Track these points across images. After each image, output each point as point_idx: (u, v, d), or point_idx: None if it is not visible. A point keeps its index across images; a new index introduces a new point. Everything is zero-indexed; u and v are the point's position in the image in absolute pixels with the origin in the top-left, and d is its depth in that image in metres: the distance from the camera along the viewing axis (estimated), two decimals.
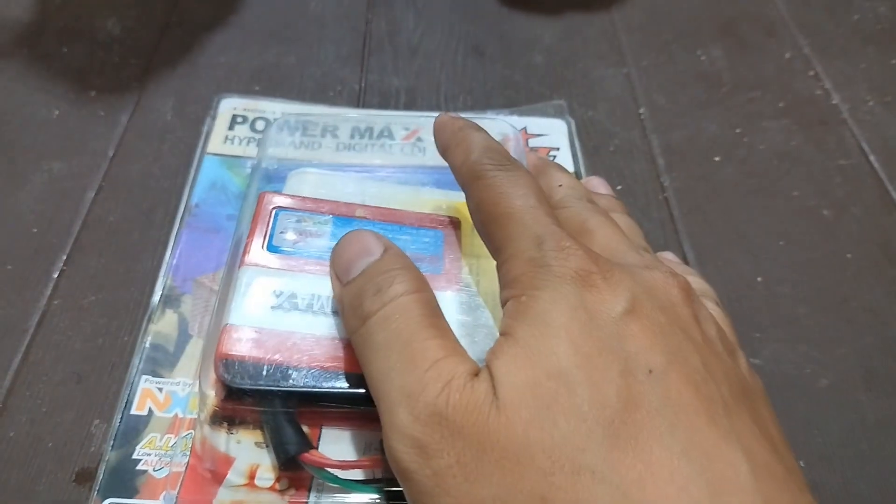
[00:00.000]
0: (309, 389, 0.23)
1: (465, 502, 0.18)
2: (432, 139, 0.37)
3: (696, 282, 0.26)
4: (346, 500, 0.24)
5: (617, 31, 0.48)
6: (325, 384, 0.23)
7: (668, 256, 0.29)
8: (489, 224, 0.23)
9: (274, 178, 0.33)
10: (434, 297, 0.22)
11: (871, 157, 0.41)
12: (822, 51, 0.47)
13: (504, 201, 0.23)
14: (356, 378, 0.23)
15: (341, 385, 0.23)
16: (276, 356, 0.24)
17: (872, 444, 0.29)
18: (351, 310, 0.22)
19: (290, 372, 0.23)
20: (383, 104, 0.41)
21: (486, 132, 0.26)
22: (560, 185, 0.27)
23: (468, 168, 0.25)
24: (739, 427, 0.19)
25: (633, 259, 0.23)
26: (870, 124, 0.42)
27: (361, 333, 0.21)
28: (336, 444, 0.25)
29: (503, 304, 0.22)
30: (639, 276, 0.21)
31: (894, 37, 0.48)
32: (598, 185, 0.31)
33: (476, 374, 0.19)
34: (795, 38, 0.48)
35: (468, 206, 0.25)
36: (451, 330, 0.21)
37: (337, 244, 0.24)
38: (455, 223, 0.30)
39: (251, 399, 0.23)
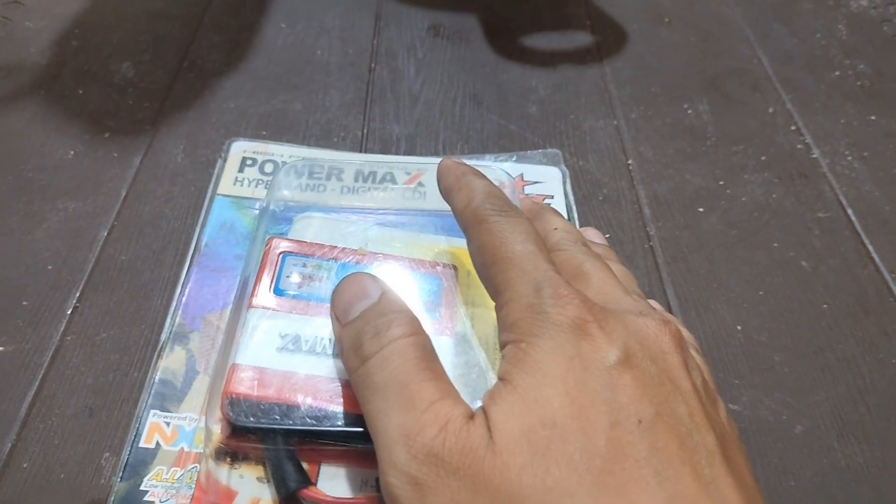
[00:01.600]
0: (309, 428, 0.25)
1: None
2: (433, 184, 0.39)
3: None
4: None
5: (607, 84, 0.50)
6: (325, 423, 0.25)
7: (653, 305, 0.31)
8: (489, 267, 0.24)
9: (281, 220, 0.34)
10: (429, 341, 0.23)
11: (849, 211, 0.43)
12: (803, 106, 0.49)
13: (504, 246, 0.24)
14: (355, 417, 0.25)
15: (340, 424, 0.25)
16: (280, 396, 0.25)
17: (845, 489, 0.31)
18: (350, 350, 0.23)
19: (292, 411, 0.25)
20: (384, 150, 0.43)
21: (487, 178, 0.28)
22: (555, 229, 0.29)
23: (470, 212, 0.26)
24: (720, 478, 0.20)
25: (627, 305, 0.24)
26: (848, 178, 0.45)
27: (360, 374, 0.23)
28: (334, 481, 0.27)
29: (502, 346, 0.23)
30: (632, 325, 0.22)
31: (873, 93, 0.51)
32: (592, 235, 0.32)
33: (471, 416, 0.21)
34: (778, 94, 0.50)
35: (469, 248, 0.26)
36: (444, 372, 0.23)
37: (336, 287, 0.25)
38: (452, 272, 0.32)
39: (254, 436, 0.25)
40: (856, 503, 0.30)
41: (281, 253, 0.30)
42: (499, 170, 0.38)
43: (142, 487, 0.27)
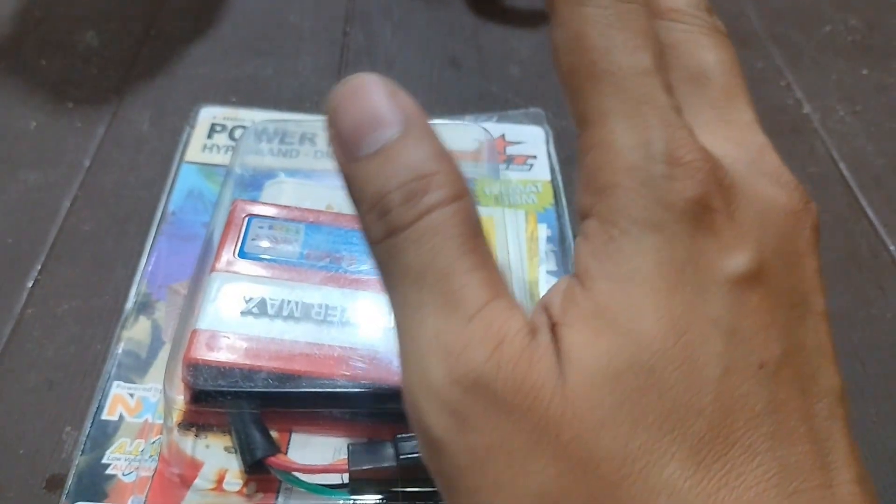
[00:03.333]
0: (273, 390, 0.23)
1: (506, 489, 0.15)
2: None
3: None
4: (313, 503, 0.24)
5: None
6: (289, 386, 0.23)
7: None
8: (581, 78, 0.17)
9: (250, 186, 0.33)
10: (475, 206, 0.17)
11: (841, 166, 0.41)
12: (793, 61, 0.48)
13: (609, 53, 0.16)
14: (322, 381, 0.24)
15: (306, 386, 0.24)
16: (243, 360, 0.24)
17: None
18: (371, 210, 0.17)
19: (254, 374, 0.24)
20: None
21: None
22: (683, 16, 0.20)
23: None
24: (835, 433, 0.16)
25: (759, 157, 0.18)
26: (840, 133, 0.43)
27: (386, 248, 0.17)
28: (304, 450, 0.26)
29: (580, 213, 0.17)
30: (768, 209, 0.17)
31: (864, 48, 0.49)
32: None
33: (534, 332, 0.16)
34: (768, 49, 0.49)
35: (554, 40, 0.17)
36: (493, 256, 0.17)
37: (338, 92, 0.17)
38: None
39: (217, 401, 0.24)
40: None
41: (246, 216, 0.29)
42: (477, 127, 0.36)
43: (104, 461, 0.26)
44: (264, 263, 0.27)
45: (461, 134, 0.37)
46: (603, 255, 0.16)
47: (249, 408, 0.24)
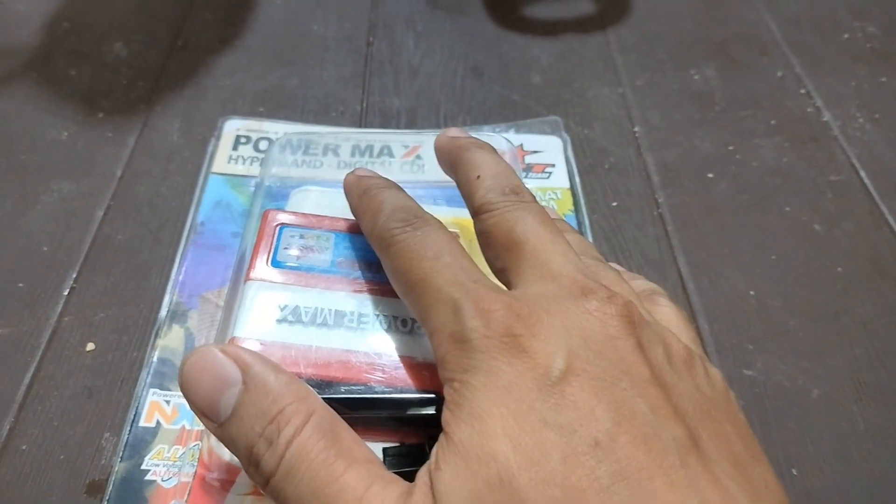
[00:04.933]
0: None
1: None
2: (432, 156, 0.38)
3: (640, 285, 0.24)
4: None
5: (612, 52, 0.49)
6: (327, 392, 0.24)
7: (613, 268, 0.26)
8: (407, 296, 0.22)
9: (277, 196, 0.34)
10: (326, 410, 0.20)
11: (862, 173, 0.41)
12: (813, 69, 0.48)
13: (415, 267, 0.21)
14: (357, 387, 0.24)
15: (343, 392, 0.24)
16: (283, 367, 0.24)
17: (863, 453, 0.30)
18: (248, 466, 0.20)
19: None
20: (384, 124, 0.43)
21: (397, 188, 0.25)
22: (477, 177, 0.24)
23: (376, 237, 0.23)
24: (697, 476, 0.18)
25: (566, 282, 0.21)
26: (860, 141, 0.43)
27: (270, 491, 0.19)
28: None
29: (443, 385, 0.20)
30: (571, 317, 0.20)
31: (883, 55, 0.49)
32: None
33: (408, 494, 0.18)
34: (787, 58, 0.49)
35: (391, 270, 0.23)
36: (355, 441, 0.20)
37: (183, 371, 0.20)
38: (455, 234, 0.31)
39: None
40: (876, 467, 0.29)
41: (278, 225, 0.29)
42: (500, 138, 0.37)
43: (143, 467, 0.27)
44: (297, 272, 0.28)
45: None
46: (453, 407, 0.19)
47: None
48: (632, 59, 0.48)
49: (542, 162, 0.40)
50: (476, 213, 0.24)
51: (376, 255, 0.27)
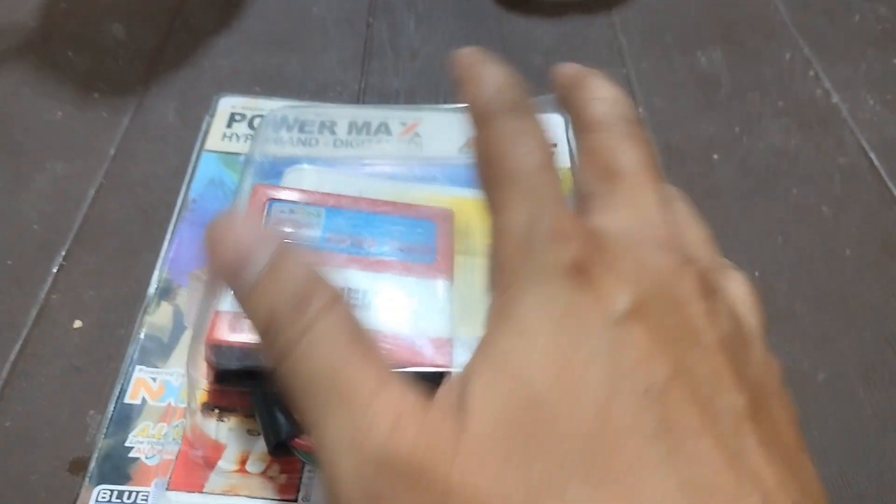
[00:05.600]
0: None
1: None
2: (430, 133, 0.37)
3: (721, 260, 0.23)
4: None
5: (617, 34, 0.48)
6: None
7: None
8: (488, 180, 0.20)
9: (270, 174, 0.33)
10: (350, 306, 0.19)
11: (871, 155, 0.40)
12: (822, 52, 0.47)
13: (505, 159, 0.19)
14: None
15: None
16: None
17: (869, 437, 0.29)
18: (266, 340, 0.19)
19: None
20: (382, 103, 0.42)
21: (506, 67, 0.22)
22: (597, 99, 0.23)
23: (477, 105, 0.21)
24: (749, 447, 0.16)
25: (650, 231, 0.20)
26: (870, 123, 0.42)
27: (284, 370, 0.18)
28: None
29: (488, 290, 0.19)
30: (648, 263, 0.18)
31: (894, 37, 0.48)
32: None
33: (427, 403, 0.17)
34: (795, 41, 0.48)
35: (473, 153, 0.21)
36: (377, 347, 0.19)
37: (210, 234, 0.19)
38: (448, 215, 0.30)
39: (240, 381, 0.23)
40: (884, 451, 0.28)
41: (268, 200, 0.29)
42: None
43: (127, 444, 0.26)
44: None
45: None
46: (497, 318, 0.17)
47: (272, 388, 0.24)
48: (637, 42, 0.47)
49: None
50: (585, 128, 0.22)
51: (366, 230, 0.27)
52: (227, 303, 0.25)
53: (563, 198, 0.19)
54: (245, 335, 0.24)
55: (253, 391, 0.25)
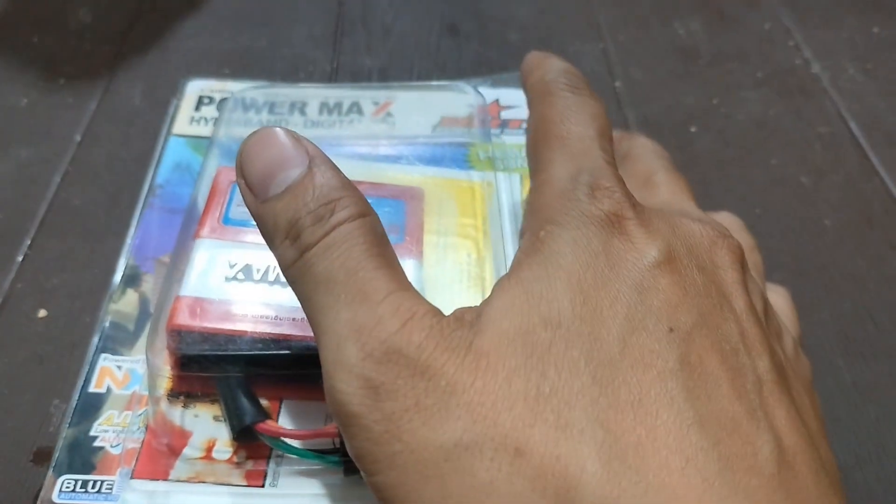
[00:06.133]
0: (259, 353, 0.23)
1: (419, 449, 0.15)
2: (403, 112, 0.36)
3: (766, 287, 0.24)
4: (304, 469, 0.24)
5: (593, 7, 0.47)
6: (273, 348, 0.23)
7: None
8: (540, 143, 0.21)
9: (236, 156, 0.32)
10: (379, 221, 0.19)
11: (852, 125, 0.40)
12: (802, 21, 0.46)
13: (561, 124, 0.21)
14: (309, 345, 0.23)
15: (293, 350, 0.23)
16: (228, 325, 0.23)
17: (849, 408, 0.28)
18: (284, 239, 0.19)
19: (240, 339, 0.23)
20: (355, 83, 0.41)
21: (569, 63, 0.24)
22: (642, 145, 0.26)
23: (540, 84, 0.22)
24: (773, 408, 0.16)
25: (691, 210, 0.21)
26: (850, 92, 0.42)
27: (298, 266, 0.18)
28: (296, 417, 0.25)
29: (521, 235, 0.20)
30: (683, 228, 0.19)
31: (875, 5, 0.47)
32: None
33: (438, 311, 0.17)
34: (775, 9, 0.47)
35: (528, 126, 0.22)
36: (398, 262, 0.19)
37: (246, 143, 0.20)
38: (418, 194, 0.29)
39: (203, 366, 0.23)
40: (861, 421, 0.28)
41: (231, 182, 0.28)
42: (471, 91, 0.36)
43: (91, 433, 0.26)
44: (249, 229, 0.27)
45: (452, 98, 0.36)
46: (529, 250, 0.18)
47: (234, 372, 0.23)
48: (614, 14, 0.47)
49: (519, 118, 0.38)
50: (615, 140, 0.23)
51: None
52: (188, 287, 0.25)
53: (610, 167, 0.19)
54: (208, 319, 0.24)
55: (217, 377, 0.24)
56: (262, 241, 0.26)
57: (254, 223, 0.27)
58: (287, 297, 0.25)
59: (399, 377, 0.16)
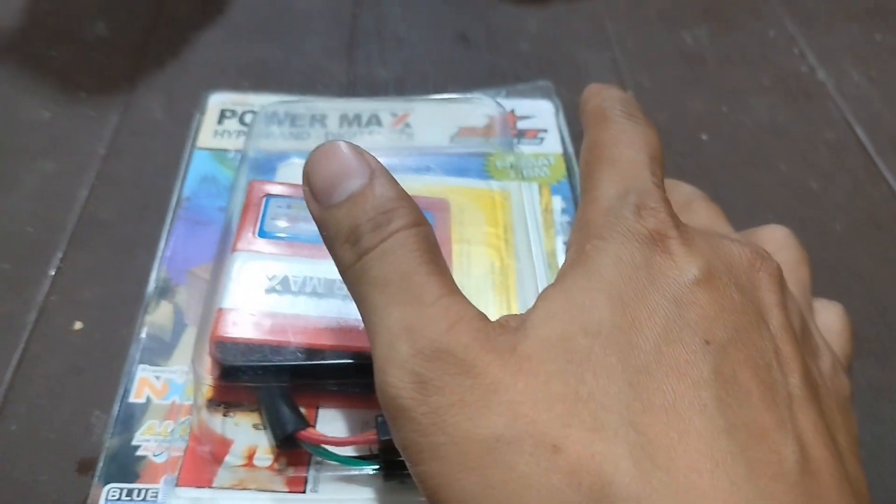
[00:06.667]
0: (300, 363, 0.23)
1: (462, 441, 0.17)
2: (421, 124, 0.37)
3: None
4: (344, 475, 0.25)
5: (602, 17, 0.48)
6: (316, 359, 0.24)
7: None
8: (592, 164, 0.22)
9: (263, 169, 0.33)
10: (432, 232, 0.20)
11: (857, 129, 0.41)
12: (806, 28, 0.47)
13: (614, 147, 0.22)
14: (347, 353, 0.24)
15: (333, 360, 0.24)
16: (269, 335, 0.24)
17: (864, 408, 0.29)
18: (344, 243, 0.20)
19: (282, 349, 0.24)
20: (372, 95, 0.42)
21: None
22: (676, 182, 0.27)
23: (597, 111, 0.23)
24: (801, 421, 0.17)
25: (731, 233, 0.22)
26: (855, 98, 0.43)
27: (357, 269, 0.20)
28: (333, 424, 0.26)
29: (568, 248, 0.21)
30: (723, 249, 0.20)
31: (878, 12, 0.49)
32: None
33: (485, 317, 0.19)
34: (780, 17, 0.48)
35: (582, 148, 0.23)
36: (448, 270, 0.20)
37: (312, 156, 0.21)
38: (444, 205, 0.30)
39: (246, 377, 0.24)
40: (877, 422, 0.29)
41: (264, 196, 0.29)
42: (489, 101, 0.36)
43: (134, 442, 0.26)
44: (284, 242, 0.27)
45: (472, 109, 0.36)
46: (574, 262, 0.19)
47: (278, 382, 0.24)
48: (622, 23, 0.48)
49: (535, 127, 0.39)
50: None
51: None
52: (229, 300, 0.25)
53: (658, 189, 0.20)
54: (250, 330, 0.24)
55: (258, 386, 0.25)
56: (298, 252, 0.27)
57: (288, 235, 0.28)
58: (324, 308, 0.25)
59: (446, 374, 0.17)
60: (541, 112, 0.40)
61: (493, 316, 0.19)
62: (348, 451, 0.25)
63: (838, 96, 0.43)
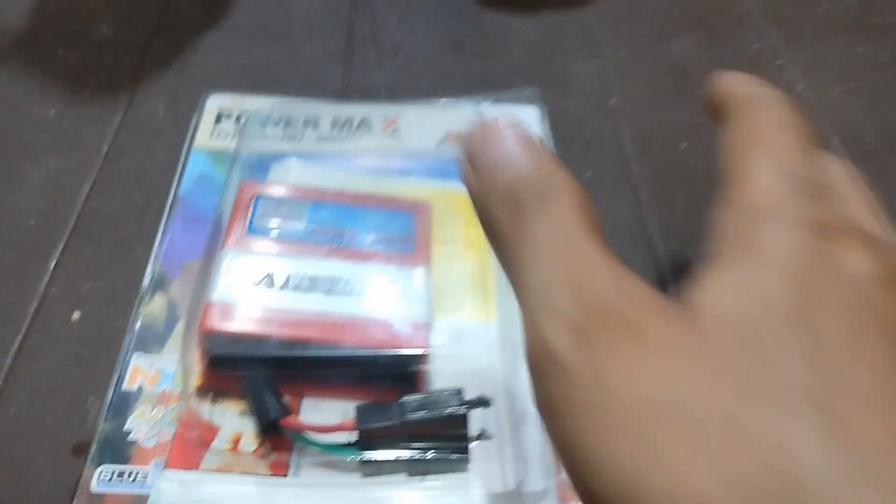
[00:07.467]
0: (284, 355, 0.25)
1: (625, 398, 0.15)
2: (410, 128, 0.39)
3: None
4: (324, 460, 0.26)
5: (593, 27, 0.49)
6: (299, 351, 0.25)
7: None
8: (750, 148, 0.21)
9: (257, 169, 0.34)
10: (593, 207, 0.19)
11: (836, 141, 0.42)
12: (790, 41, 0.49)
13: (765, 133, 0.21)
14: (330, 347, 0.25)
15: (315, 352, 0.25)
16: (255, 328, 0.25)
17: None
18: (501, 201, 0.19)
19: (267, 342, 0.25)
20: (366, 100, 0.43)
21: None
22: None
23: (752, 96, 0.23)
24: None
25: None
26: (835, 110, 0.44)
27: (512, 226, 0.19)
28: (315, 413, 0.27)
29: (713, 228, 0.19)
30: (885, 247, 0.18)
31: (860, 26, 0.50)
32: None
33: (651, 287, 0.17)
34: (764, 30, 0.49)
35: (728, 131, 0.22)
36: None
37: (469, 132, 0.20)
38: (426, 207, 0.32)
39: (232, 367, 0.25)
40: None
41: (254, 195, 0.31)
42: (476, 107, 0.38)
43: (126, 427, 0.28)
44: (272, 239, 0.29)
45: (459, 115, 0.38)
46: (731, 238, 0.18)
47: (262, 373, 0.25)
48: (613, 33, 0.49)
49: None
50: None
51: (349, 222, 0.28)
52: (218, 293, 0.27)
53: (825, 180, 0.20)
54: (237, 323, 0.26)
55: (244, 376, 0.26)
56: (285, 250, 0.29)
57: (276, 233, 0.29)
58: (309, 303, 0.27)
59: (610, 329, 0.16)
60: (526, 118, 0.41)
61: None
62: (329, 438, 0.26)
63: (819, 109, 0.44)
